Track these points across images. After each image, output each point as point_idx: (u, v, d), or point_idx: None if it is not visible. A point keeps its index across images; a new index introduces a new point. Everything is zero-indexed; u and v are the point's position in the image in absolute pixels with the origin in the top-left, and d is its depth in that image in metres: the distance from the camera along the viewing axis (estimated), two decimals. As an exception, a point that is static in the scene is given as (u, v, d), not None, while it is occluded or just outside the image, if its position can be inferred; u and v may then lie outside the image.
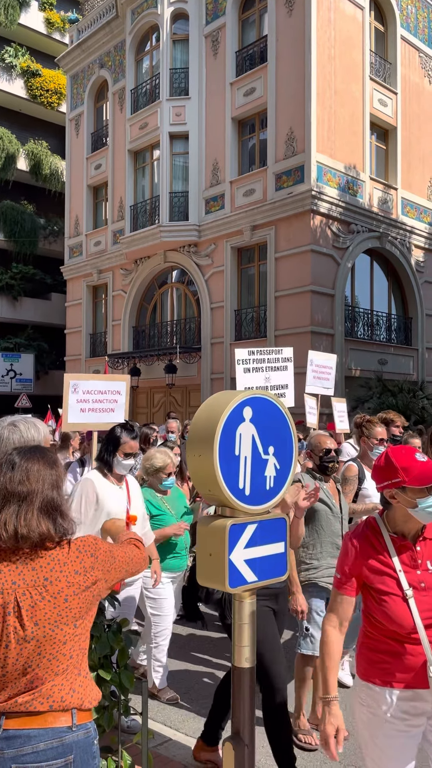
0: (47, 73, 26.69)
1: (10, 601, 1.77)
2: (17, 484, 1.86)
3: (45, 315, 26.43)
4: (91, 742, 1.87)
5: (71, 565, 1.86)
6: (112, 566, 2.00)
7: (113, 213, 20.89)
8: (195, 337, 18.54)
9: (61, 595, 1.81)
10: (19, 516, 1.82)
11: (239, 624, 2.31)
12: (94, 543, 1.97)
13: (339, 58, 15.99)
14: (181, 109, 18.17)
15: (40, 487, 1.89)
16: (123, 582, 3.60)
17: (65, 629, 1.82)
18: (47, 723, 1.78)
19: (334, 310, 15.90)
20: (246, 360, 6.79)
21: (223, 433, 2.17)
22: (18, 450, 1.97)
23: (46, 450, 2.02)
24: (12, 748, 1.74)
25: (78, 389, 4.93)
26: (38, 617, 1.78)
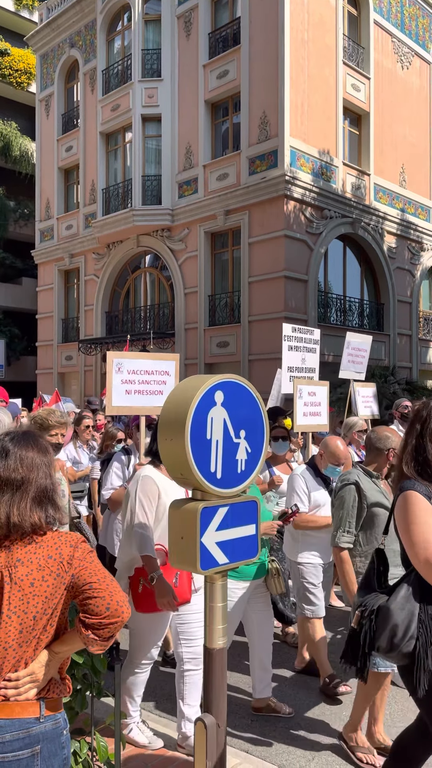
0: (16, 52, 26.08)
1: None
2: (11, 472, 1.84)
3: (16, 300, 26.04)
4: (59, 733, 1.84)
5: (46, 549, 1.82)
6: (91, 567, 1.84)
7: (85, 196, 20.61)
8: (169, 323, 18.46)
9: (28, 578, 1.77)
10: (12, 504, 1.80)
11: (211, 605, 2.34)
12: (79, 539, 1.91)
13: (312, 41, 15.91)
14: (153, 90, 17.93)
15: (35, 476, 1.86)
16: (194, 588, 3.33)
17: (23, 617, 1.76)
18: (14, 713, 1.76)
19: (307, 295, 15.96)
20: (290, 337, 6.70)
21: (194, 417, 2.18)
22: (10, 436, 1.93)
23: (38, 436, 2.00)
24: None
25: (122, 369, 4.54)
26: (4, 600, 1.76)
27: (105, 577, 1.84)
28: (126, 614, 1.81)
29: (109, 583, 1.83)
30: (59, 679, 1.90)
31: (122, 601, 1.81)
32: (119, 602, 1.80)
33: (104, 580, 1.82)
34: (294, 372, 6.88)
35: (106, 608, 1.78)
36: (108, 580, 1.84)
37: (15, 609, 1.76)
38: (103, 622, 1.77)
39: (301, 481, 4.40)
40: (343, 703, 4.00)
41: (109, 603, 1.78)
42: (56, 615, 1.83)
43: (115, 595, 1.80)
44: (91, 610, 1.78)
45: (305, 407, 6.07)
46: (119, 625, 1.81)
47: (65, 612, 1.87)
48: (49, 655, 1.83)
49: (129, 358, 4.68)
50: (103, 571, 1.86)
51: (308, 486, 4.38)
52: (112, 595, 1.80)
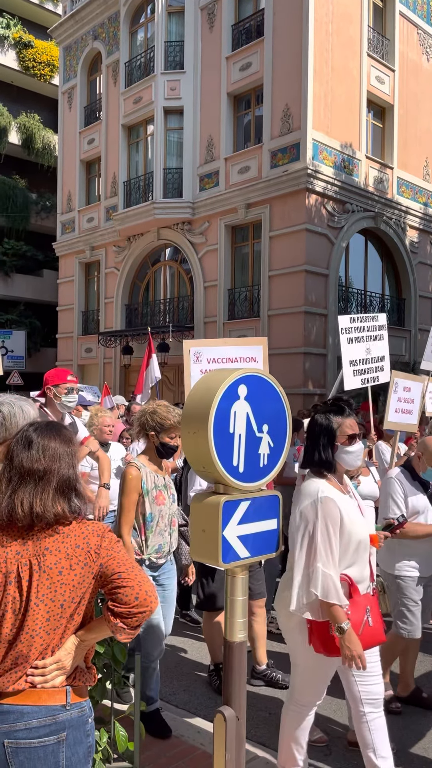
0: (40, 45, 26.16)
1: (12, 571, 1.78)
2: (34, 462, 1.85)
3: (37, 292, 26.22)
4: (85, 721, 1.87)
5: (74, 539, 1.84)
6: (119, 557, 1.88)
7: (106, 189, 20.66)
8: (188, 316, 18.47)
9: (57, 566, 1.79)
10: (35, 495, 1.82)
11: (232, 599, 2.34)
12: (105, 529, 1.93)
13: (336, 33, 15.75)
14: (176, 83, 17.89)
15: (57, 466, 1.87)
16: None
17: (51, 605, 1.79)
18: (41, 700, 1.78)
19: (327, 290, 15.87)
20: (348, 329, 6.17)
21: (218, 411, 2.18)
22: (34, 427, 1.95)
23: (62, 426, 2.01)
24: (5, 723, 1.75)
25: (201, 358, 4.07)
26: (33, 588, 1.78)
27: (133, 567, 1.87)
28: (154, 604, 1.84)
29: (138, 573, 1.86)
30: (85, 668, 1.93)
31: (150, 591, 1.84)
32: (148, 592, 1.83)
33: (132, 570, 1.86)
34: (358, 365, 6.21)
35: (135, 597, 1.81)
36: (136, 570, 1.87)
37: (43, 597, 1.78)
38: (132, 611, 1.81)
39: (397, 485, 3.94)
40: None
41: (138, 593, 1.82)
42: (83, 603, 1.86)
43: (143, 584, 1.84)
44: (119, 599, 1.82)
45: (398, 403, 5.46)
46: (147, 614, 1.84)
47: (92, 601, 1.90)
48: (75, 643, 1.85)
49: (208, 346, 4.16)
50: (131, 561, 1.90)
51: (405, 490, 3.96)
52: (140, 584, 1.83)
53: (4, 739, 1.74)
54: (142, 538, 3.45)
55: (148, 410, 3.59)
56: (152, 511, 3.46)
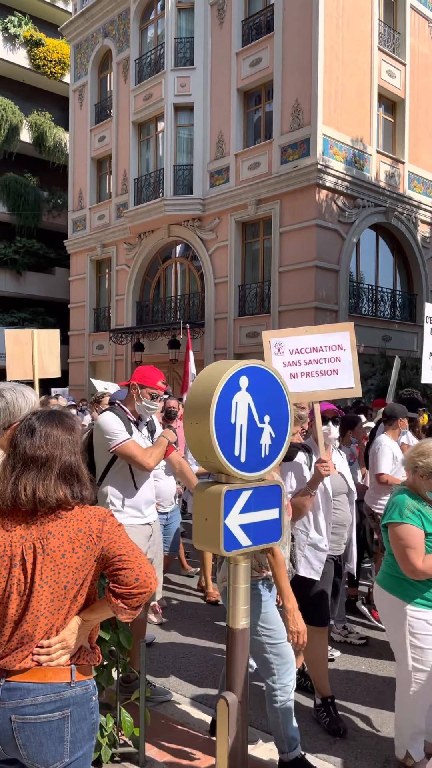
0: (51, 43, 26.26)
1: (17, 554, 1.84)
2: (37, 449, 1.91)
3: (49, 289, 26.38)
4: (89, 698, 1.92)
5: (76, 523, 1.90)
6: (120, 540, 1.93)
7: (117, 186, 20.73)
8: (199, 313, 18.51)
9: (60, 549, 1.85)
10: (38, 481, 1.88)
11: (234, 586, 2.38)
12: (107, 513, 1.99)
13: (347, 27, 15.69)
14: (186, 79, 17.90)
15: (59, 453, 1.93)
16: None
17: (54, 587, 1.85)
18: (47, 678, 1.84)
19: (338, 285, 15.84)
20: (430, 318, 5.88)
21: (219, 402, 2.22)
22: (37, 415, 2.00)
23: (64, 415, 2.05)
24: (12, 700, 1.82)
25: (283, 349, 3.73)
26: (37, 571, 1.84)
27: (134, 550, 1.92)
28: (153, 585, 1.90)
29: (138, 555, 1.92)
30: (89, 648, 1.99)
31: (150, 573, 1.90)
32: (147, 573, 1.89)
33: (133, 553, 1.91)
34: None
35: (135, 579, 1.87)
36: (137, 552, 1.92)
37: (47, 579, 1.84)
38: (132, 591, 1.87)
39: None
40: (381, 693, 4.01)
41: (138, 574, 1.88)
42: (86, 585, 1.91)
43: (143, 566, 1.90)
44: (120, 580, 1.88)
45: None
46: (147, 595, 1.89)
47: (95, 582, 1.96)
48: (79, 623, 1.91)
49: (289, 336, 3.78)
50: (131, 544, 1.95)
51: None
52: (140, 566, 1.89)
53: (11, 714, 1.80)
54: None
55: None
56: None
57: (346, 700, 3.90)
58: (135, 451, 3.54)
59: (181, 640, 4.85)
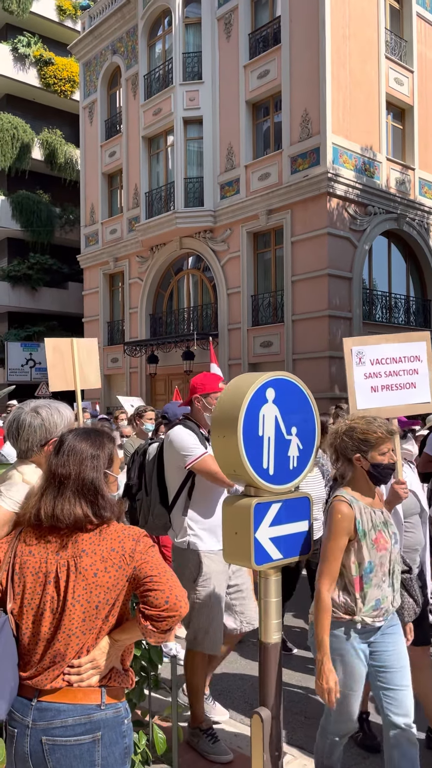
0: (60, 61, 26.62)
1: (52, 571, 1.84)
2: (59, 467, 1.92)
3: (63, 304, 26.59)
4: (120, 722, 1.89)
5: (110, 542, 1.88)
6: (152, 561, 1.88)
7: (128, 200, 20.89)
8: (212, 324, 18.55)
9: (92, 568, 1.84)
10: (56, 497, 1.88)
11: (266, 600, 2.36)
12: (141, 533, 1.95)
13: (353, 37, 15.76)
14: (194, 93, 18.06)
15: (79, 469, 1.91)
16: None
17: (86, 606, 1.83)
18: (77, 699, 1.82)
19: (351, 293, 15.81)
20: None
21: (246, 415, 2.22)
22: (73, 433, 2.01)
23: (99, 432, 2.04)
24: (43, 720, 1.80)
25: (364, 359, 3.40)
26: (70, 589, 1.83)
27: (165, 572, 1.88)
28: (184, 609, 1.84)
29: (170, 577, 1.87)
30: (122, 670, 1.96)
31: (181, 596, 1.84)
32: (178, 596, 1.83)
33: (164, 574, 1.86)
34: None
35: (165, 601, 1.81)
36: (168, 574, 1.87)
37: (79, 598, 1.82)
38: (161, 614, 1.81)
39: None
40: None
41: (168, 596, 1.82)
42: (117, 605, 1.89)
43: (174, 589, 1.84)
44: (150, 602, 1.82)
45: None
46: (177, 618, 1.83)
47: (127, 603, 1.92)
48: (110, 643, 1.89)
49: (371, 344, 3.48)
50: (164, 565, 1.90)
51: None
52: (171, 588, 1.83)
53: (42, 735, 1.79)
54: (358, 595, 2.65)
55: (340, 430, 2.85)
56: (371, 558, 2.67)
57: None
58: (214, 466, 3.18)
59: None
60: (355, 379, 3.41)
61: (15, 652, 1.85)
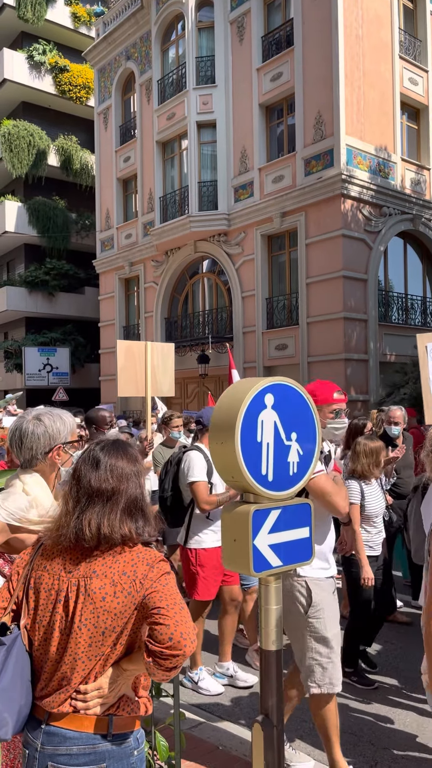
0: (75, 68, 26.86)
1: (63, 589, 1.77)
2: (102, 482, 1.83)
3: (80, 309, 26.78)
4: (128, 753, 1.79)
5: (122, 565, 1.78)
6: (163, 590, 1.76)
7: (143, 205, 20.99)
8: (227, 327, 18.54)
9: (101, 592, 1.75)
10: (103, 515, 1.79)
11: (266, 608, 2.34)
12: (157, 558, 1.84)
13: (367, 37, 15.69)
14: (208, 97, 18.10)
15: (125, 486, 1.85)
16: None
17: (93, 631, 1.74)
18: (83, 727, 1.75)
19: (367, 295, 15.71)
20: None
21: (244, 420, 2.20)
22: (101, 446, 1.92)
23: (127, 445, 1.98)
24: (50, 745, 1.74)
25: None
26: (78, 611, 1.75)
27: (175, 604, 1.74)
28: (189, 648, 1.69)
29: (178, 611, 1.73)
30: (134, 698, 1.85)
31: (186, 633, 1.70)
32: (183, 634, 1.69)
33: (173, 607, 1.73)
34: None
35: (169, 638, 1.68)
36: (177, 607, 1.74)
37: (86, 621, 1.74)
38: (164, 651, 1.67)
39: None
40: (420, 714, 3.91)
41: (172, 633, 1.68)
42: (126, 633, 1.78)
43: (180, 625, 1.70)
44: (155, 636, 1.69)
45: None
46: (181, 658, 1.69)
47: (137, 631, 1.79)
48: (117, 672, 1.79)
49: None
50: (175, 596, 1.77)
51: None
52: (177, 624, 1.70)
53: (49, 761, 1.73)
54: None
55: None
56: None
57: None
58: (330, 487, 2.94)
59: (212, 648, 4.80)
60: (430, 375, 3.22)
61: (27, 669, 1.78)
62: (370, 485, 4.52)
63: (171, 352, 5.33)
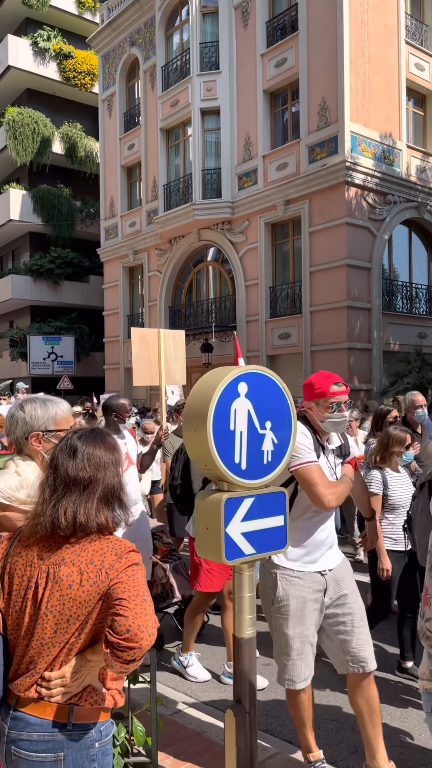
0: (80, 55, 26.68)
1: (34, 576, 1.78)
2: (79, 471, 1.82)
3: (84, 297, 26.77)
4: (88, 745, 1.77)
5: (90, 554, 1.77)
6: (128, 582, 1.73)
7: (147, 193, 20.90)
8: (230, 316, 18.50)
9: (68, 579, 1.74)
10: (79, 504, 1.79)
11: (240, 595, 2.35)
12: (127, 548, 1.81)
13: (372, 22, 15.48)
14: (212, 83, 17.94)
15: (102, 475, 1.84)
16: None
17: (59, 618, 1.74)
18: (45, 714, 1.75)
19: (371, 283, 15.62)
20: None
21: (217, 409, 2.19)
22: (78, 434, 1.92)
23: (105, 434, 1.97)
24: (15, 730, 1.75)
25: None
26: (45, 597, 1.76)
27: (137, 596, 1.71)
28: (146, 642, 1.65)
29: (139, 603, 1.69)
30: (100, 689, 1.83)
31: (145, 626, 1.66)
32: (141, 626, 1.65)
33: (135, 599, 1.69)
34: None
35: (127, 629, 1.64)
36: (139, 599, 1.70)
37: (52, 608, 1.75)
38: (121, 643, 1.64)
39: None
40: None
41: (130, 625, 1.64)
42: (90, 622, 1.76)
43: (139, 617, 1.66)
44: (114, 627, 1.66)
45: None
46: (137, 652, 1.65)
47: (103, 621, 1.76)
48: (81, 662, 1.77)
49: None
50: (139, 588, 1.73)
51: None
52: (136, 616, 1.66)
53: (12, 746, 1.74)
54: None
55: None
56: None
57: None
58: (318, 478, 2.84)
59: (171, 645, 4.82)
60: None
61: (0, 652, 1.79)
62: (397, 475, 4.36)
63: (182, 340, 5.24)
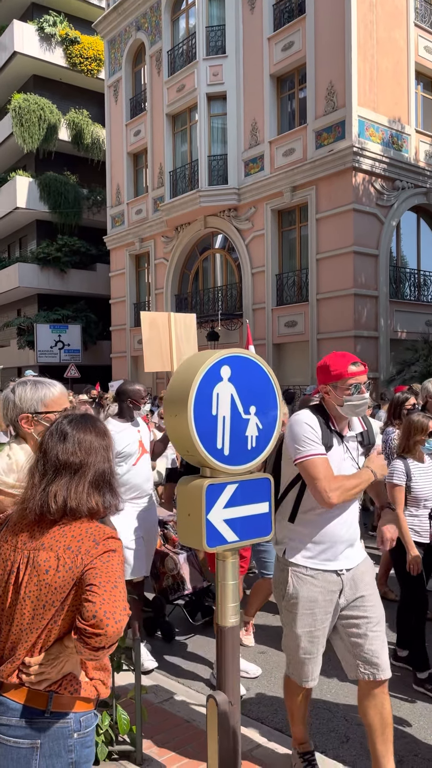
0: (86, 40, 26.44)
1: (16, 561, 1.77)
2: (70, 455, 1.81)
3: (91, 286, 26.70)
4: (66, 734, 1.75)
5: (69, 540, 1.75)
6: (101, 567, 1.70)
7: (153, 180, 20.76)
8: (237, 303, 18.40)
9: (45, 564, 1.73)
10: (70, 488, 1.78)
11: (222, 583, 2.31)
12: (105, 535, 1.78)
13: (381, 4, 15.21)
14: (218, 68, 17.73)
15: (93, 459, 1.83)
16: None
17: (36, 603, 1.73)
18: (24, 699, 1.74)
19: (378, 271, 15.46)
20: None
21: (198, 393, 2.14)
22: (69, 419, 1.90)
23: (95, 419, 1.96)
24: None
25: None
26: (24, 582, 1.76)
27: (107, 582, 1.68)
28: (111, 629, 1.61)
29: (109, 590, 1.66)
30: (81, 678, 1.82)
31: (111, 613, 1.62)
32: (107, 613, 1.61)
33: (105, 585, 1.67)
34: None
35: (93, 615, 1.61)
36: (109, 586, 1.67)
37: (30, 594, 1.74)
38: (87, 629, 1.61)
39: None
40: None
41: (96, 611, 1.61)
42: (66, 608, 1.74)
43: (106, 604, 1.62)
44: (82, 613, 1.63)
45: None
46: (104, 639, 1.61)
47: (79, 607, 1.72)
48: (59, 648, 1.76)
49: None
50: (111, 575, 1.70)
51: None
52: (103, 602, 1.62)
53: None
54: None
55: None
56: None
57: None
58: (320, 472, 2.59)
59: (182, 637, 4.81)
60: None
61: None
62: (421, 465, 4.12)
63: (193, 323, 5.03)
